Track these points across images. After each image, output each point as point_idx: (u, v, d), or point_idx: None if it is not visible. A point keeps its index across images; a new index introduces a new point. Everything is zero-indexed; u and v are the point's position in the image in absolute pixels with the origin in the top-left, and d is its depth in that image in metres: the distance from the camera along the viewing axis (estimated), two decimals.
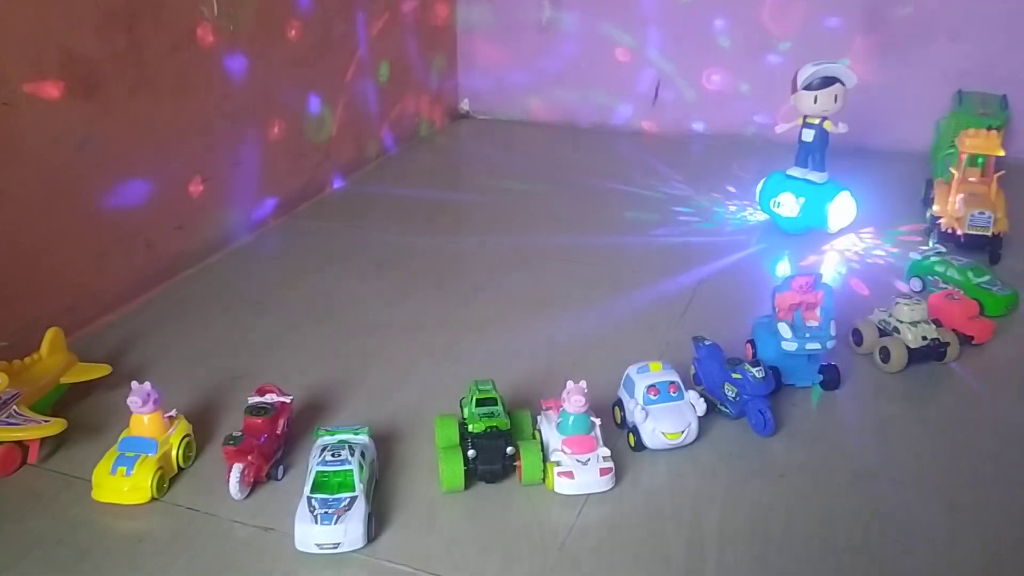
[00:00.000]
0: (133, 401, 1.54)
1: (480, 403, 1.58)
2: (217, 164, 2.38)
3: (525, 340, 2.01)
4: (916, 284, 2.18)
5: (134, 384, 1.55)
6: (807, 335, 1.76)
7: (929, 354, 1.86)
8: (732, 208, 2.75)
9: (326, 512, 1.39)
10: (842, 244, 2.48)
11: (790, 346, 1.75)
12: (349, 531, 1.38)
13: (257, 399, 1.61)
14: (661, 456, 1.62)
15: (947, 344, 1.87)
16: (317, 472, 1.45)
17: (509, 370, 1.83)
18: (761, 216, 2.64)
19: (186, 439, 1.59)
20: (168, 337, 2.03)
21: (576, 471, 1.52)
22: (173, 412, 1.60)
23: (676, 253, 2.46)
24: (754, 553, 1.41)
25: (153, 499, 1.51)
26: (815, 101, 2.35)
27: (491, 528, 1.47)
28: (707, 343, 1.79)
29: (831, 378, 1.81)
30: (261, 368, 1.89)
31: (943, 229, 2.34)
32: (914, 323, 1.86)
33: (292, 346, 2.00)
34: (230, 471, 1.49)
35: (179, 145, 2.24)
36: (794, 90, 2.38)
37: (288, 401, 1.65)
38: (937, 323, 1.91)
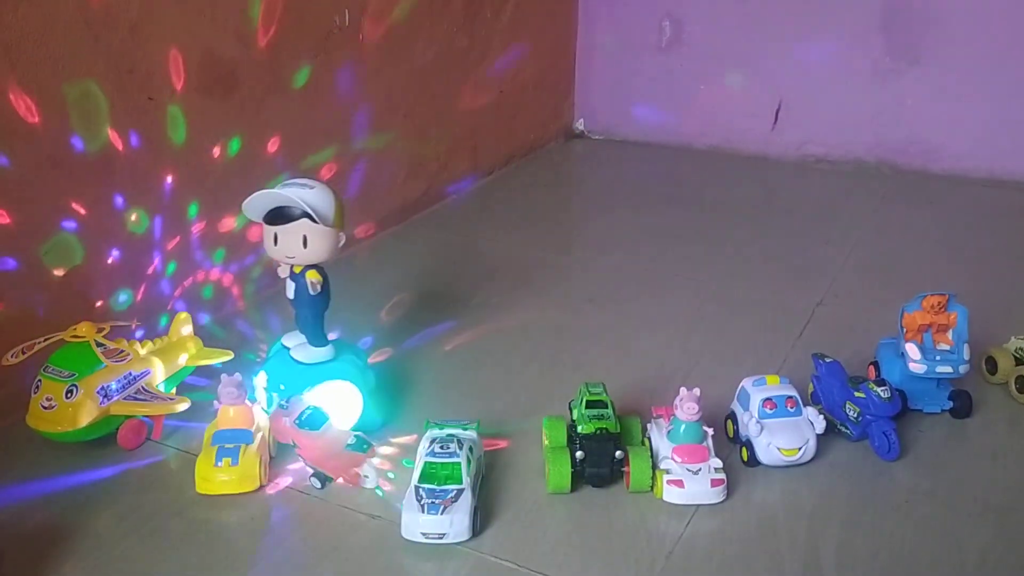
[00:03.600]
0: (229, 392, 1.53)
1: (590, 405, 1.56)
2: (344, 164, 2.46)
3: (637, 348, 1.99)
4: None
5: (224, 376, 1.55)
6: (938, 358, 1.68)
7: None
8: None
9: (433, 502, 1.39)
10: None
11: (919, 368, 1.67)
12: (455, 522, 1.38)
13: None
14: (776, 473, 1.57)
15: None
16: (426, 463, 1.45)
17: (620, 377, 1.80)
18: None
19: None
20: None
21: (686, 480, 1.48)
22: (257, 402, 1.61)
23: None
24: None
25: (261, 486, 1.53)
26: (275, 242, 1.56)
27: (596, 532, 1.44)
28: (828, 360, 1.72)
29: (962, 405, 1.71)
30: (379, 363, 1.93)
31: None
32: None
33: (408, 346, 2.03)
34: None
35: (306, 147, 2.32)
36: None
37: None
38: None
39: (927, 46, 3.04)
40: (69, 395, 1.56)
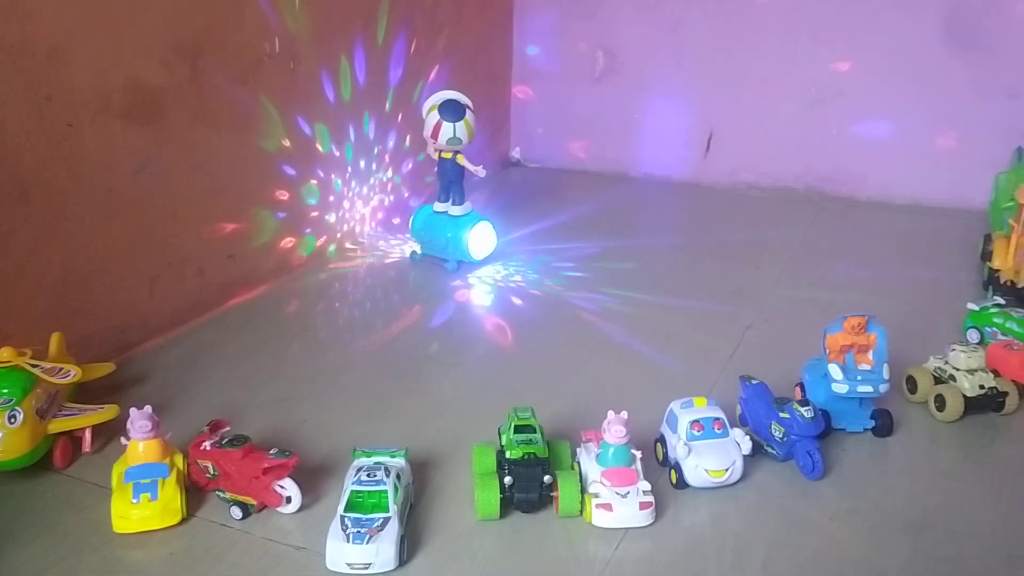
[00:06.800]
0: (143, 426, 1.51)
1: (518, 430, 1.55)
2: (268, 196, 2.43)
3: (566, 374, 1.99)
4: (974, 336, 2.11)
5: (133, 411, 1.52)
6: (859, 377, 1.71)
7: (987, 404, 1.79)
8: None
9: (358, 531, 1.37)
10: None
11: (841, 388, 1.70)
12: (381, 552, 1.36)
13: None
14: (704, 495, 1.57)
15: (1006, 394, 1.80)
16: (352, 491, 1.43)
17: (550, 401, 1.80)
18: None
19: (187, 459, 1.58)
20: (211, 363, 2.05)
21: (615, 504, 1.48)
22: (168, 435, 1.58)
23: None
24: None
25: (183, 519, 1.49)
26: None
27: (526, 558, 1.43)
28: (754, 382, 1.75)
29: (883, 424, 1.75)
30: (306, 393, 1.90)
31: (1002, 281, 2.27)
32: (971, 371, 1.80)
33: (335, 374, 2.00)
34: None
35: (234, 176, 2.29)
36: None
37: None
38: (996, 373, 1.84)
39: (851, 78, 3.14)
40: (12, 420, 1.53)
